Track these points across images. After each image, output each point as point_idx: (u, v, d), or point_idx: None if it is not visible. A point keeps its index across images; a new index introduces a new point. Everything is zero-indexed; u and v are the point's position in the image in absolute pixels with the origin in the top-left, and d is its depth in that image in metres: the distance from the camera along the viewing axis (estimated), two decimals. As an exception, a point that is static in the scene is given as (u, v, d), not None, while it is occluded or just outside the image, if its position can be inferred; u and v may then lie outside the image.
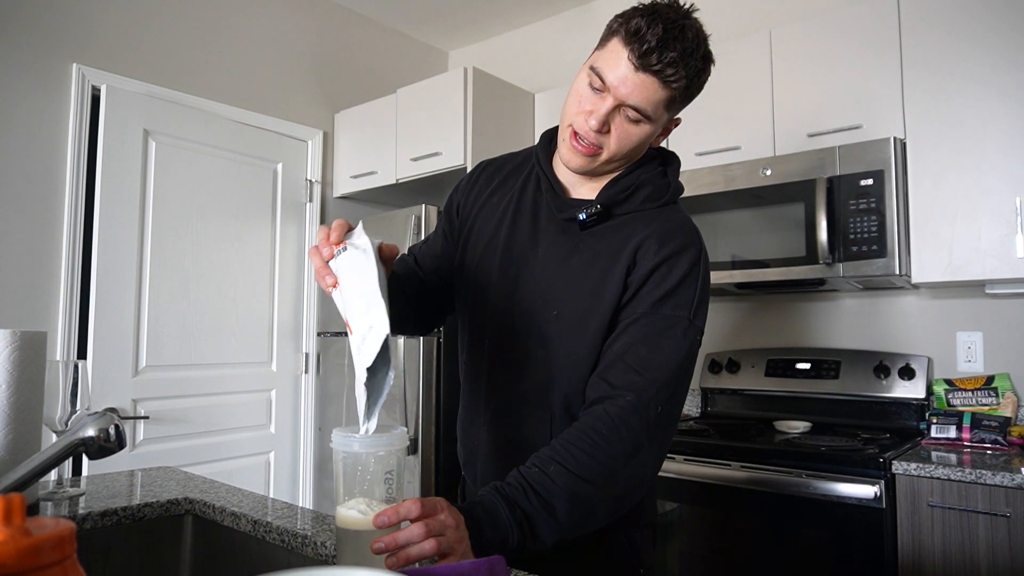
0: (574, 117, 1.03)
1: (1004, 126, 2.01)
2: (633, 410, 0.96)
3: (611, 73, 0.99)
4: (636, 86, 0.98)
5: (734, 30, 2.90)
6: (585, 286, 1.06)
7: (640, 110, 1.00)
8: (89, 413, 1.02)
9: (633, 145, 1.05)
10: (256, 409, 2.96)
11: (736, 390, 2.69)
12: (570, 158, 1.06)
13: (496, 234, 1.15)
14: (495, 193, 1.19)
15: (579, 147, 1.03)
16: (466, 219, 1.20)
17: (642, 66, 0.97)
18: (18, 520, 0.44)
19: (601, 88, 1.00)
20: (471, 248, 1.17)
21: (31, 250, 2.36)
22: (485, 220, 1.17)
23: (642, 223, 1.07)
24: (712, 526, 2.11)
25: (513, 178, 1.19)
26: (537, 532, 0.91)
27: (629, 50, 0.97)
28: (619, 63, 0.98)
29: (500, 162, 1.24)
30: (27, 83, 2.38)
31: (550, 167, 1.14)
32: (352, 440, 0.83)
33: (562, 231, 1.10)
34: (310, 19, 3.27)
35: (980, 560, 1.72)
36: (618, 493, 0.96)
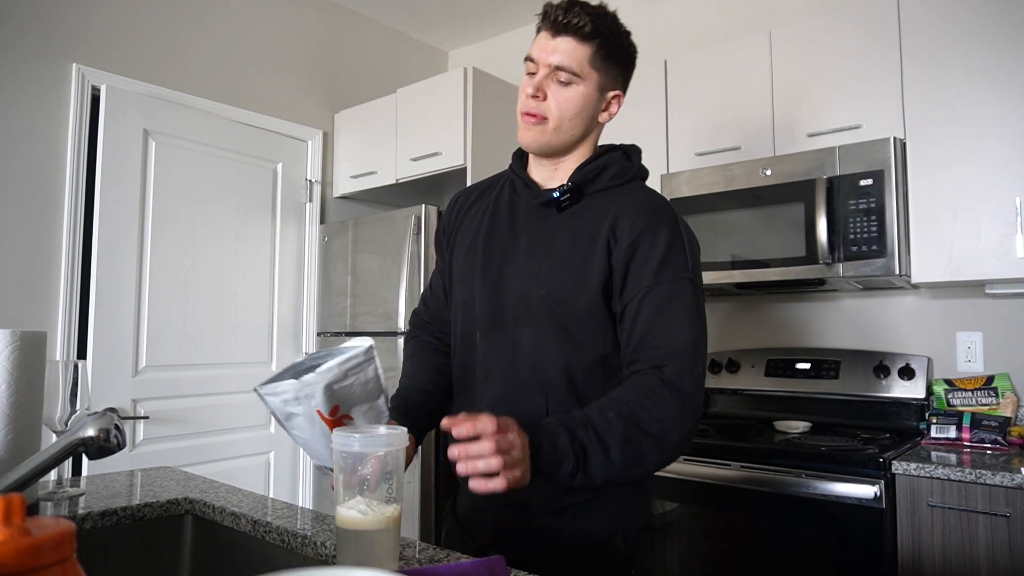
0: (520, 102, 1.15)
1: (1004, 126, 2.01)
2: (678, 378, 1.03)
3: (536, 50, 1.12)
4: (556, 48, 1.10)
5: (734, 30, 2.91)
6: (570, 263, 1.11)
7: (565, 68, 1.09)
8: (89, 413, 1.02)
9: (573, 108, 1.12)
10: (256, 409, 2.96)
11: (736, 390, 2.69)
12: (523, 136, 1.16)
13: (475, 238, 1.21)
14: (472, 208, 1.27)
15: (527, 120, 1.14)
16: (450, 239, 1.28)
17: (556, 29, 1.10)
18: (18, 520, 0.44)
19: (535, 70, 1.12)
20: (455, 259, 1.24)
21: (31, 250, 2.36)
22: (465, 231, 1.24)
23: (615, 199, 1.14)
24: (712, 526, 2.11)
25: (487, 194, 1.27)
26: (590, 467, 0.97)
27: (544, 25, 1.11)
28: (540, 39, 1.12)
29: (473, 188, 1.33)
30: (27, 83, 2.38)
31: (524, 170, 1.23)
32: (352, 440, 0.83)
33: (542, 219, 1.16)
34: (310, 19, 3.27)
35: (980, 560, 1.72)
36: (669, 447, 1.02)
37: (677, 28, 3.10)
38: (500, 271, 1.15)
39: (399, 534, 0.87)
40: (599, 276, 1.08)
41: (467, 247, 1.22)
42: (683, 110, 2.65)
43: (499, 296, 1.14)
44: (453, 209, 1.30)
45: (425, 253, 2.67)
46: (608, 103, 1.18)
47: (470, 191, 1.32)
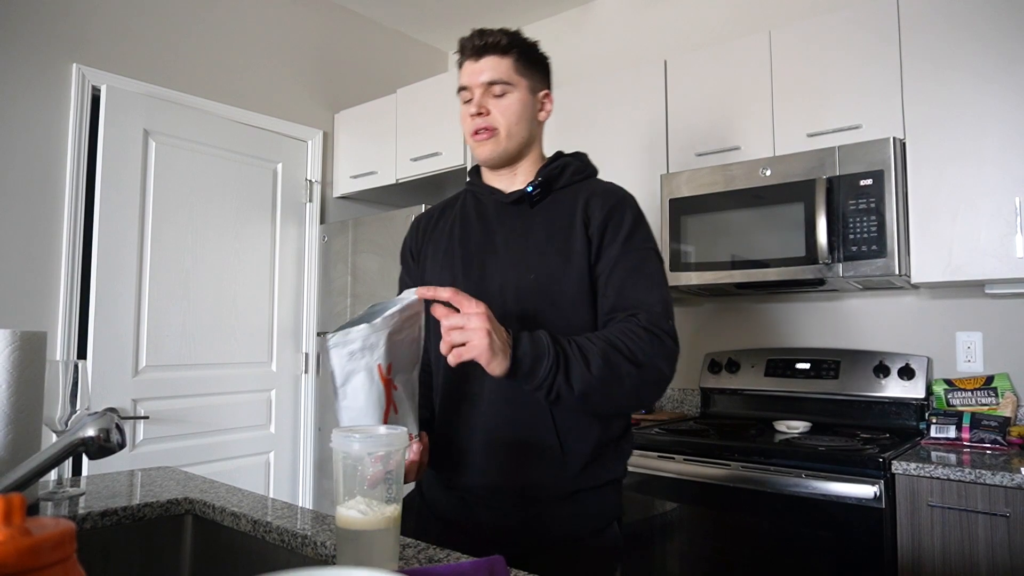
0: (467, 126, 1.26)
1: (1004, 126, 2.01)
2: (652, 323, 1.12)
3: (466, 78, 1.25)
4: (483, 68, 1.23)
5: (734, 30, 2.91)
6: (551, 248, 1.21)
7: (497, 80, 1.23)
8: (89, 413, 1.02)
9: (515, 112, 1.24)
10: (256, 409, 2.96)
11: (736, 390, 2.69)
12: (480, 152, 1.26)
13: (449, 244, 1.29)
14: (439, 223, 1.35)
15: (479, 137, 1.24)
16: (418, 254, 1.35)
17: (477, 53, 1.24)
18: (18, 520, 0.44)
19: (467, 98, 1.25)
20: (428, 268, 1.31)
21: (31, 250, 2.36)
22: (436, 243, 1.32)
23: (580, 190, 1.27)
24: (712, 526, 2.11)
25: (449, 210, 1.36)
26: (570, 372, 1.03)
27: (466, 55, 1.26)
28: (466, 68, 1.26)
29: (433, 209, 1.41)
30: (27, 83, 2.38)
31: (483, 181, 1.33)
32: (352, 440, 0.83)
33: (514, 216, 1.26)
34: (310, 19, 3.27)
35: (980, 560, 1.72)
36: (646, 374, 1.10)
37: (677, 28, 3.10)
38: (482, 265, 1.24)
39: (399, 534, 0.87)
40: (582, 252, 1.19)
41: (442, 253, 1.29)
42: (683, 110, 2.65)
43: (484, 287, 1.21)
44: (419, 228, 1.38)
45: (425, 253, 2.67)
46: (541, 102, 1.32)
47: (431, 211, 1.40)
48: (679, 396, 2.96)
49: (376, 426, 0.98)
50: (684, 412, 2.91)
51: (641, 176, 2.74)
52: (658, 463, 2.23)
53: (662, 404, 3.00)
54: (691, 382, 2.93)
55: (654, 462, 2.24)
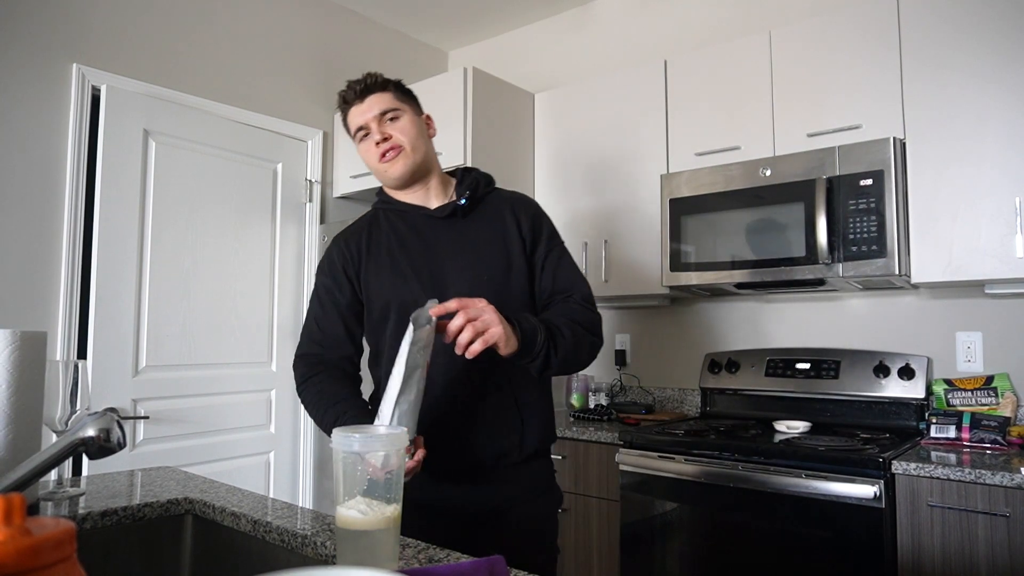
0: (373, 156, 1.42)
1: (1003, 126, 2.01)
2: (585, 300, 1.41)
3: (358, 119, 1.42)
4: (371, 105, 1.42)
5: (734, 30, 2.91)
6: (494, 249, 1.42)
7: (388, 109, 1.42)
8: (89, 413, 1.02)
9: (413, 129, 1.42)
10: (256, 409, 2.96)
11: (736, 390, 2.69)
12: (393, 170, 1.41)
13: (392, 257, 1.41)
14: (368, 241, 1.45)
15: (388, 157, 1.41)
16: (358, 271, 1.43)
17: (361, 95, 1.43)
18: (18, 520, 0.44)
19: (365, 133, 1.42)
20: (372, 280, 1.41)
21: (31, 250, 2.36)
22: (376, 260, 1.42)
23: (496, 200, 1.48)
24: (712, 526, 2.11)
25: (375, 229, 1.47)
26: (556, 343, 1.26)
27: (352, 101, 1.44)
28: (354, 112, 1.43)
29: (349, 232, 1.50)
30: (27, 83, 2.38)
31: (400, 200, 1.47)
32: (352, 440, 0.83)
33: (448, 228, 1.43)
34: (310, 19, 3.27)
35: (980, 560, 1.72)
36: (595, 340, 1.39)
37: (677, 28, 3.10)
38: (433, 274, 1.39)
39: (399, 534, 0.87)
40: (520, 252, 1.42)
41: (388, 268, 1.40)
42: (683, 110, 2.65)
43: (443, 290, 1.35)
44: (349, 248, 1.45)
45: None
46: (427, 123, 1.50)
47: (355, 231, 1.49)
48: (679, 396, 2.96)
49: (376, 426, 0.98)
50: (684, 412, 2.91)
51: (641, 176, 2.74)
52: (658, 463, 2.23)
53: (662, 404, 3.00)
54: (691, 382, 2.93)
55: (654, 462, 2.24)
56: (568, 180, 2.98)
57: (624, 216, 2.78)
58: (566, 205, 2.97)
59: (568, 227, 2.97)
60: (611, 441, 2.38)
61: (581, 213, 2.92)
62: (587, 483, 2.46)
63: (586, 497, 2.45)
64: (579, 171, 2.94)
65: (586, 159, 2.92)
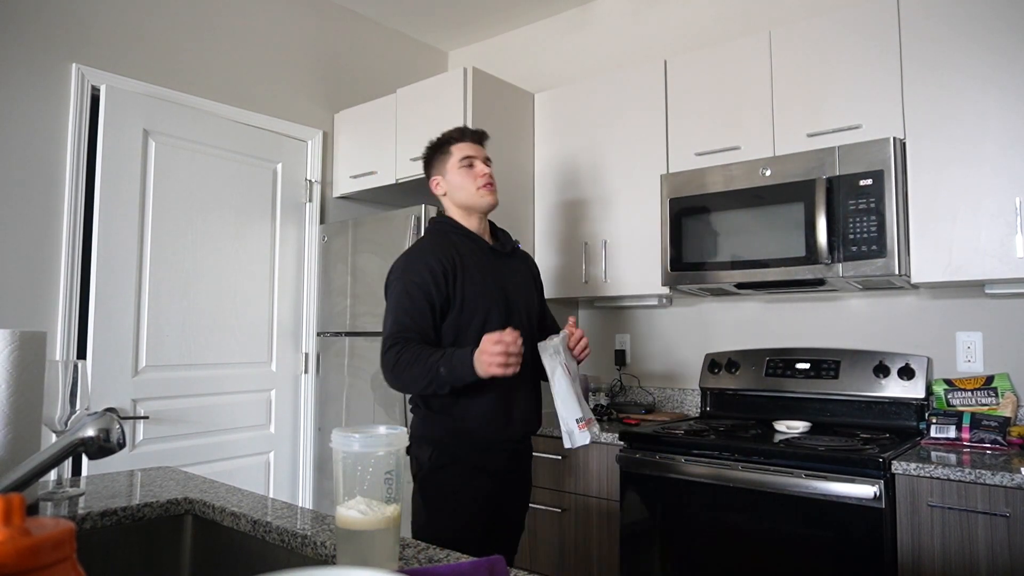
0: (475, 181, 1.89)
1: (1004, 126, 2.01)
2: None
3: (469, 151, 1.93)
4: (479, 150, 1.95)
5: (734, 30, 2.91)
6: (528, 289, 1.98)
7: (488, 158, 1.96)
8: (89, 413, 1.02)
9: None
10: (256, 409, 2.96)
11: (736, 390, 2.69)
12: (490, 199, 1.91)
13: (483, 279, 1.84)
14: (458, 256, 1.82)
15: (489, 187, 1.90)
16: (456, 277, 1.79)
17: (476, 139, 1.97)
18: (18, 520, 0.44)
19: (469, 164, 1.91)
20: (469, 294, 1.80)
21: (31, 250, 2.36)
22: (469, 275, 1.82)
23: (523, 252, 2.07)
24: (712, 526, 2.11)
25: (455, 248, 1.85)
26: None
27: (466, 139, 1.95)
28: (467, 146, 1.94)
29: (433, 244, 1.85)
30: (27, 83, 2.38)
31: (470, 231, 1.91)
32: (352, 440, 0.83)
33: (504, 262, 1.93)
34: (310, 19, 3.28)
35: (980, 560, 1.72)
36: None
37: (677, 28, 3.10)
38: (505, 292, 1.86)
39: (399, 534, 0.87)
40: (534, 297, 2.01)
41: (480, 282, 1.82)
42: (683, 110, 2.65)
43: (514, 314, 1.86)
44: (446, 260, 1.80)
45: (425, 253, 2.67)
46: None
47: (439, 247, 1.83)
48: (679, 396, 2.96)
49: (376, 426, 0.98)
50: (684, 412, 2.91)
51: (641, 176, 2.74)
52: (658, 463, 2.23)
53: (662, 404, 3.00)
54: (691, 382, 2.93)
55: (654, 462, 2.24)
56: (568, 180, 2.98)
57: (624, 216, 2.78)
58: (566, 205, 2.97)
59: (568, 227, 2.97)
60: (611, 441, 2.38)
61: (581, 213, 2.92)
62: (587, 483, 2.46)
63: (586, 497, 2.46)
64: (579, 171, 2.95)
65: (586, 159, 2.92)
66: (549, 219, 3.03)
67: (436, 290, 1.75)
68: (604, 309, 3.20)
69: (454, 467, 1.77)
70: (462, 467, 1.77)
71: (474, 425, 1.76)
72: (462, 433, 1.77)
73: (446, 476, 1.76)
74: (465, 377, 1.62)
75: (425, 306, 1.75)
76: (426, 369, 1.64)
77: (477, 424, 1.76)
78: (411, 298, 1.74)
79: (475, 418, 1.75)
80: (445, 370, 1.62)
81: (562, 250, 2.98)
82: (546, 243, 3.03)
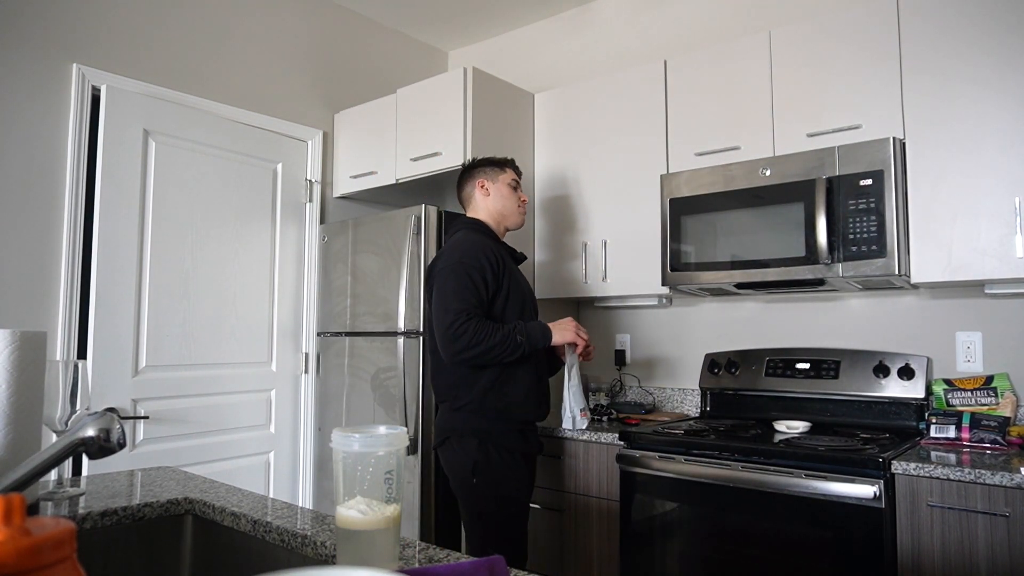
0: (516, 203, 2.29)
1: (1003, 126, 2.01)
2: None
3: (515, 177, 2.32)
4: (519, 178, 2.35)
5: (734, 30, 2.91)
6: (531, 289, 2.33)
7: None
8: (89, 413, 1.02)
9: None
10: (256, 409, 2.96)
11: (736, 390, 2.69)
12: (521, 221, 2.31)
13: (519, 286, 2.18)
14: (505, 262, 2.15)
15: (524, 210, 2.32)
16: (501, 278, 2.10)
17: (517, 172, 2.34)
18: (18, 520, 0.44)
19: (514, 187, 2.30)
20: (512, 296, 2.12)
21: (31, 250, 2.36)
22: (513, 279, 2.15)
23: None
24: (712, 526, 2.11)
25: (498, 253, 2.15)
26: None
27: (514, 168, 2.34)
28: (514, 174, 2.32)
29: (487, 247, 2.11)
30: (27, 83, 2.38)
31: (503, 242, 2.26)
32: (352, 440, 0.83)
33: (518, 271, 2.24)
34: (310, 19, 3.28)
35: (979, 560, 1.72)
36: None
37: (677, 28, 3.10)
38: (525, 290, 2.22)
39: (399, 534, 0.87)
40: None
41: (517, 289, 2.14)
42: (683, 110, 2.65)
43: (531, 301, 2.25)
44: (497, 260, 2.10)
45: (425, 253, 2.67)
46: None
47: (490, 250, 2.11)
48: (679, 396, 2.96)
49: (376, 426, 0.98)
50: (684, 412, 2.91)
51: (641, 176, 2.74)
52: (658, 463, 2.23)
53: (662, 404, 3.01)
54: (691, 382, 2.93)
55: (654, 462, 2.24)
56: (568, 180, 2.98)
57: (624, 216, 2.78)
58: (566, 205, 2.97)
59: (568, 227, 2.97)
60: (611, 441, 2.38)
61: (581, 213, 2.92)
62: (587, 483, 2.46)
63: (586, 497, 2.46)
64: (579, 171, 2.95)
65: (586, 159, 2.92)
66: (549, 219, 3.03)
67: (492, 278, 2.06)
68: (604, 309, 3.20)
69: (502, 451, 2.05)
70: (508, 451, 2.06)
71: (517, 401, 2.08)
72: (506, 413, 2.06)
73: (499, 461, 2.04)
74: (539, 343, 2.07)
75: (483, 289, 2.03)
76: (504, 336, 1.98)
77: (520, 401, 2.08)
78: (472, 280, 2.02)
79: (518, 395, 2.08)
80: (522, 337, 2.01)
81: (562, 250, 2.98)
82: (546, 243, 3.03)
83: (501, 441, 2.05)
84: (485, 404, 2.04)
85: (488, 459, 2.03)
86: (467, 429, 2.05)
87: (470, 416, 2.05)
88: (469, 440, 2.04)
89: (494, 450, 2.04)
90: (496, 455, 2.04)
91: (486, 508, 2.02)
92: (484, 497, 2.02)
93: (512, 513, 2.05)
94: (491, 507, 2.02)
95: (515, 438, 2.08)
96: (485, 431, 2.04)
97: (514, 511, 2.06)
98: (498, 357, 1.99)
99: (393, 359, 2.70)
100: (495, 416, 2.05)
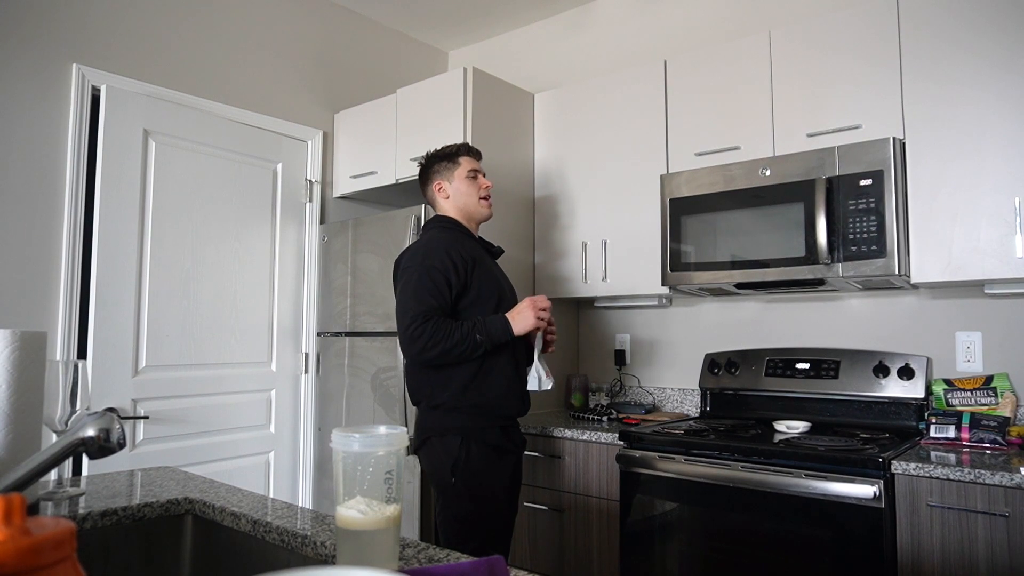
0: (476, 192, 2.17)
1: (1003, 126, 2.01)
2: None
3: (474, 165, 2.19)
4: (480, 165, 2.22)
5: (734, 30, 2.91)
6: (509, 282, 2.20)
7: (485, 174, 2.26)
8: (89, 413, 1.02)
9: None
10: (256, 409, 2.96)
11: (736, 390, 2.69)
12: (487, 211, 2.20)
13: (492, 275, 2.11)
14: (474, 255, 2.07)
15: (488, 201, 2.20)
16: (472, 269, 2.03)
17: (478, 157, 2.23)
18: (18, 520, 0.44)
19: (474, 176, 2.18)
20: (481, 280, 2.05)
21: (31, 250, 2.37)
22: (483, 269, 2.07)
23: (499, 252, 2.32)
24: (712, 526, 2.11)
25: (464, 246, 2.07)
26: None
27: (470, 154, 2.21)
28: (471, 161, 2.19)
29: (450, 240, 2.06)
30: (27, 83, 2.38)
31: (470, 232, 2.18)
32: (352, 440, 0.83)
33: (494, 263, 2.19)
34: (310, 19, 3.28)
35: (979, 560, 1.72)
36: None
37: (677, 28, 3.10)
38: (503, 286, 2.13)
39: (399, 534, 0.87)
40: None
41: (489, 279, 2.07)
42: (683, 110, 2.66)
43: (510, 296, 2.14)
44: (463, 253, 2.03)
45: (425, 253, 2.67)
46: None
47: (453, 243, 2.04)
48: (679, 396, 2.96)
49: (376, 426, 0.98)
50: (684, 412, 2.91)
51: (641, 176, 2.74)
52: (658, 463, 2.23)
53: (662, 404, 3.01)
54: (691, 382, 2.93)
55: (654, 462, 2.24)
56: (568, 180, 2.98)
57: (624, 216, 2.78)
58: (566, 205, 2.97)
59: (568, 227, 2.97)
60: (611, 441, 2.39)
61: (581, 213, 2.92)
62: (587, 483, 2.46)
63: (586, 497, 2.46)
64: (579, 171, 2.95)
65: (586, 159, 2.92)
66: (549, 219, 3.03)
67: (456, 277, 1.98)
68: (604, 309, 3.20)
69: (484, 449, 1.99)
70: (490, 448, 2.00)
71: (498, 397, 2.01)
72: (486, 409, 2.00)
73: (480, 458, 1.97)
74: (500, 338, 1.96)
75: (446, 289, 1.97)
76: (463, 336, 1.92)
77: (500, 397, 2.01)
78: (433, 281, 1.96)
79: (498, 391, 2.01)
80: (481, 336, 1.93)
81: (562, 250, 2.98)
82: (546, 243, 3.04)
83: (483, 438, 1.99)
84: (464, 401, 1.98)
85: (469, 457, 1.97)
86: (448, 427, 1.99)
87: (448, 414, 1.99)
88: (451, 439, 1.98)
89: (475, 448, 1.98)
90: (477, 453, 1.98)
91: (461, 510, 1.96)
92: (461, 497, 1.96)
93: (490, 512, 1.98)
94: (468, 508, 1.95)
95: (496, 435, 2.02)
96: (466, 429, 1.98)
97: (491, 510, 1.98)
98: (460, 356, 1.94)
99: (393, 359, 2.70)
100: (476, 413, 1.99)
